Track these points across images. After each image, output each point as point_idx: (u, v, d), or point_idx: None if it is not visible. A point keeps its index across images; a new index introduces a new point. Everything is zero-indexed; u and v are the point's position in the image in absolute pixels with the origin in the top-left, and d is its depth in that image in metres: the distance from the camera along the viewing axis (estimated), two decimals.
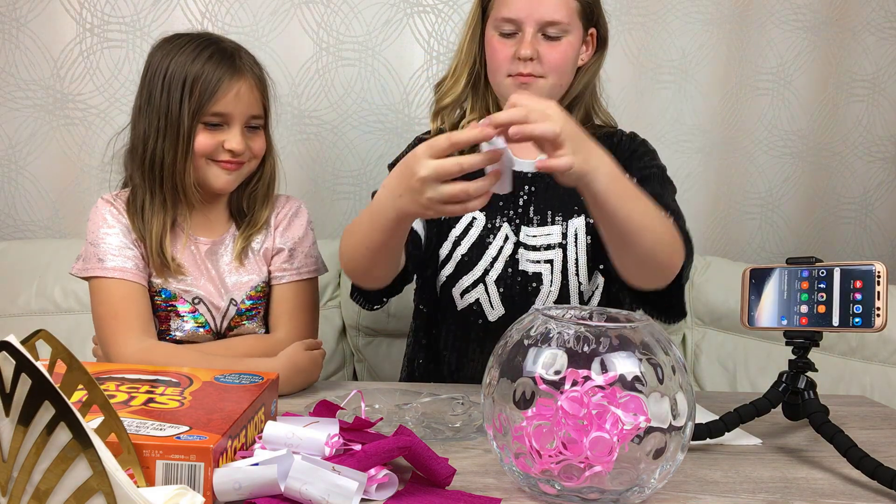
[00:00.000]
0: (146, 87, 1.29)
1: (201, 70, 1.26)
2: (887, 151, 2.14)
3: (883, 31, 2.08)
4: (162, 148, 1.27)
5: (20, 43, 1.82)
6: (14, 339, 0.64)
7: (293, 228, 1.40)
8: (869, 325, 1.02)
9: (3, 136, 1.84)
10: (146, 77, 1.29)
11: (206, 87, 1.26)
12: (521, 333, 0.88)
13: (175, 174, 1.28)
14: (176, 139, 1.26)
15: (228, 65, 1.28)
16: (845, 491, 0.95)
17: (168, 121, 1.26)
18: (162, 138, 1.26)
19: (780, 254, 2.12)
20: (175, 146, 1.26)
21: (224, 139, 1.29)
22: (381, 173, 1.95)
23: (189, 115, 1.25)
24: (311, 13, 1.89)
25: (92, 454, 0.63)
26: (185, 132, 1.26)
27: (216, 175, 1.30)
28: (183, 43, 1.29)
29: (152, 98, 1.27)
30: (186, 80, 1.25)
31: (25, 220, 1.88)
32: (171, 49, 1.28)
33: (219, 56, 1.28)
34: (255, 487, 0.81)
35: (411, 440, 0.87)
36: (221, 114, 1.27)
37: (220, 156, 1.29)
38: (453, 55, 1.45)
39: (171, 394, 0.95)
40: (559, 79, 1.34)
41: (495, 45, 1.34)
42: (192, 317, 1.32)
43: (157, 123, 1.26)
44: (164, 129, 1.26)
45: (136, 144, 1.30)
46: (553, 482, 0.84)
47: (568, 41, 1.32)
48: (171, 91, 1.26)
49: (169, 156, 1.27)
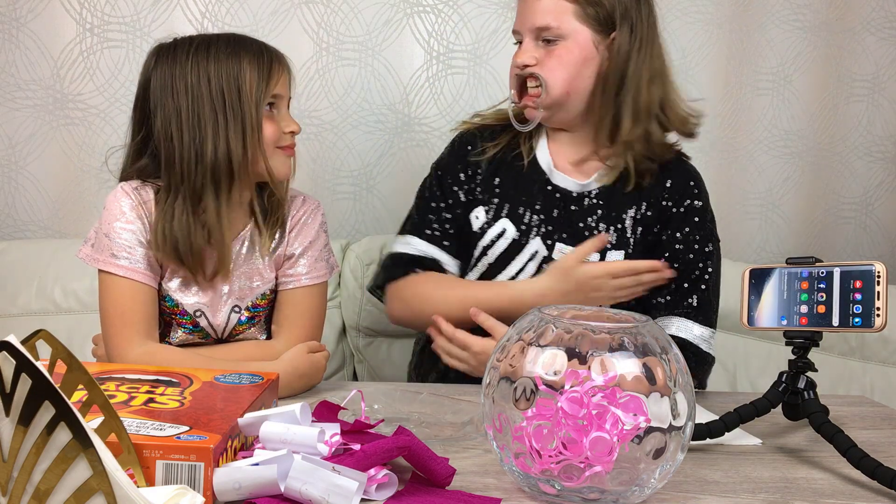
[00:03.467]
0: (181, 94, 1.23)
1: (250, 57, 1.24)
2: (887, 151, 2.14)
3: (883, 31, 2.08)
4: (228, 142, 1.22)
5: (20, 43, 1.82)
6: (14, 339, 0.64)
7: (306, 232, 1.35)
8: (869, 326, 1.02)
9: (3, 136, 1.84)
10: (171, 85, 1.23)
11: (262, 71, 1.24)
12: (521, 333, 0.88)
13: (246, 169, 1.25)
14: (244, 129, 1.23)
15: (267, 49, 1.27)
16: (845, 491, 0.95)
17: (231, 113, 1.23)
18: (226, 132, 1.22)
19: (780, 254, 2.12)
20: (244, 137, 1.23)
21: (282, 123, 1.28)
22: (380, 173, 1.95)
23: (255, 104, 1.23)
24: (311, 13, 1.89)
25: (92, 454, 0.63)
26: (254, 120, 1.23)
27: (283, 161, 1.29)
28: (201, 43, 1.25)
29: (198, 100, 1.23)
30: (240, 68, 1.23)
31: (25, 220, 1.88)
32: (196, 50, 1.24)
33: (253, 44, 1.27)
34: (255, 487, 0.81)
35: (411, 440, 0.87)
36: (277, 95, 1.26)
37: (284, 141, 1.28)
38: None
39: (171, 394, 0.95)
40: (561, 85, 1.33)
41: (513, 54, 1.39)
42: (192, 328, 1.30)
43: (214, 120, 1.22)
44: (225, 123, 1.22)
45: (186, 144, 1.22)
46: (553, 482, 0.84)
47: (564, 46, 1.32)
48: (223, 85, 1.22)
49: (238, 148, 1.23)
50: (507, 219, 1.40)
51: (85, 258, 1.26)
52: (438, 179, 1.45)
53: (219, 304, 1.30)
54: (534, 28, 1.33)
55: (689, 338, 1.34)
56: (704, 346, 1.36)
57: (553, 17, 1.32)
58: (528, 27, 1.34)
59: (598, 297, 1.30)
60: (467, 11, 1.93)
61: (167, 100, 1.24)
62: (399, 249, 1.43)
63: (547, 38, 1.33)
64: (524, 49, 1.35)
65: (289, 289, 1.33)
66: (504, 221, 1.40)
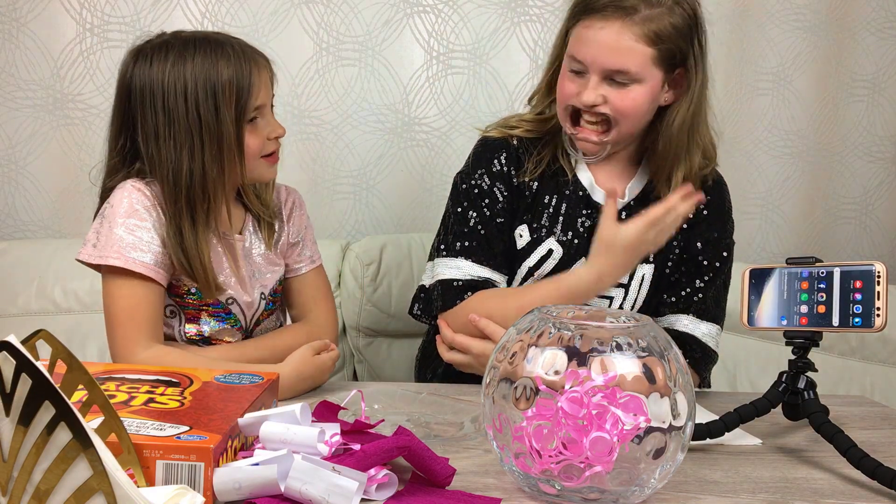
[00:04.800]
0: (159, 111, 1.20)
1: (228, 72, 1.20)
2: (887, 151, 2.14)
3: (883, 31, 2.08)
4: (204, 165, 1.20)
5: (20, 43, 1.82)
6: (14, 339, 0.64)
7: (300, 219, 1.40)
8: (869, 326, 1.02)
9: (3, 136, 1.84)
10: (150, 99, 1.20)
11: (241, 87, 1.20)
12: (521, 333, 0.88)
13: (222, 185, 1.22)
14: (220, 150, 1.20)
15: (245, 57, 1.22)
16: (845, 491, 0.95)
17: (207, 135, 1.19)
18: (202, 155, 1.19)
19: (780, 254, 2.12)
20: (221, 158, 1.20)
21: (266, 130, 1.25)
22: (380, 173, 1.95)
23: (233, 122, 1.20)
24: (311, 13, 1.89)
25: (92, 454, 0.63)
26: (232, 140, 1.20)
27: (267, 169, 1.28)
28: (179, 51, 1.21)
29: (174, 119, 1.19)
30: (217, 86, 1.19)
31: (25, 220, 1.88)
32: (174, 61, 1.20)
33: (231, 51, 1.22)
34: (255, 487, 0.81)
35: (410, 440, 0.87)
36: (259, 106, 1.23)
37: (267, 148, 1.26)
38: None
39: (172, 394, 0.95)
40: (630, 125, 1.30)
41: (564, 77, 1.32)
42: (225, 316, 1.29)
43: (191, 143, 1.19)
44: (201, 145, 1.19)
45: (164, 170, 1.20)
46: (553, 482, 0.84)
47: (638, 90, 1.27)
48: (199, 104, 1.19)
49: (214, 170, 1.20)
50: (553, 238, 1.37)
51: (88, 258, 1.21)
52: (477, 197, 1.38)
53: (248, 289, 1.31)
54: (607, 69, 1.26)
55: (698, 334, 1.37)
56: (711, 344, 1.38)
57: (633, 62, 1.25)
58: (599, 66, 1.26)
59: (646, 249, 1.27)
60: (467, 11, 1.93)
61: (146, 114, 1.21)
62: (449, 275, 1.36)
63: (619, 80, 1.26)
64: (591, 87, 1.27)
65: (301, 273, 1.39)
66: (550, 241, 1.36)
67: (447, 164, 1.95)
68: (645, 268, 1.37)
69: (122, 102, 1.24)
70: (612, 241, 1.25)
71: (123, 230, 1.20)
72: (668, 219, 1.25)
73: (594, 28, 1.25)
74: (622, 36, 1.23)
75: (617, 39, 1.24)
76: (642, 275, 1.38)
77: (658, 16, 1.24)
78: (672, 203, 1.24)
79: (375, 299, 1.81)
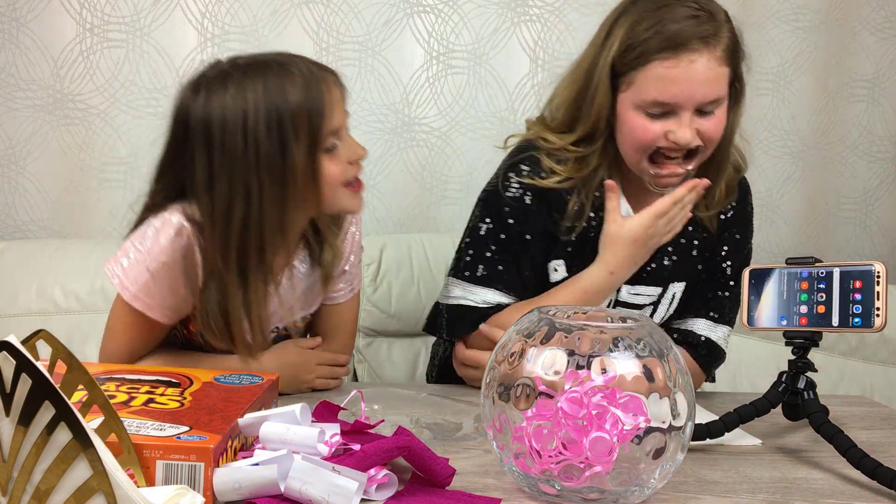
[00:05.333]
0: (215, 150, 1.06)
1: (297, 97, 1.07)
2: (887, 151, 2.14)
3: (883, 31, 2.08)
4: (262, 212, 1.07)
5: (20, 43, 1.82)
6: (14, 339, 0.64)
7: (353, 241, 1.30)
8: (869, 326, 1.02)
9: (3, 136, 1.84)
10: (203, 137, 1.07)
11: (313, 112, 1.07)
12: (521, 333, 0.88)
13: (282, 233, 1.10)
14: (284, 192, 1.07)
15: (313, 77, 1.09)
16: (845, 491, 0.95)
17: (268, 176, 1.06)
18: (259, 200, 1.06)
19: (780, 254, 2.11)
20: (284, 201, 1.07)
21: (345, 155, 1.12)
22: (380, 173, 1.95)
23: (306, 154, 1.07)
24: (311, 13, 1.89)
25: (92, 454, 0.63)
26: (306, 175, 1.08)
27: (350, 201, 1.15)
28: (238, 80, 1.08)
29: (231, 156, 1.06)
30: (284, 115, 1.06)
31: (25, 220, 1.88)
32: (234, 93, 1.07)
33: (297, 72, 1.09)
34: (255, 487, 0.81)
35: (410, 440, 0.87)
36: (335, 130, 1.11)
37: (349, 173, 1.13)
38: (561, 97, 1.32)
39: (171, 394, 0.95)
40: (713, 148, 1.26)
41: (638, 124, 1.22)
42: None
43: (247, 186, 1.06)
44: (259, 188, 1.06)
45: (215, 218, 1.08)
46: (553, 482, 0.84)
47: (721, 110, 1.24)
48: (260, 140, 1.06)
49: (274, 216, 1.07)
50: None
51: (111, 278, 1.15)
52: (509, 227, 1.30)
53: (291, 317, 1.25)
54: (703, 102, 1.20)
55: (714, 338, 1.37)
56: (723, 345, 1.38)
57: (722, 87, 1.22)
58: (695, 102, 1.19)
59: (657, 241, 1.26)
60: (467, 11, 1.93)
61: (199, 155, 1.08)
62: (470, 303, 1.32)
63: (709, 109, 1.21)
64: (686, 125, 1.20)
65: (336, 303, 1.30)
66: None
67: (447, 164, 1.95)
68: (676, 286, 1.35)
69: (178, 141, 1.12)
70: (618, 235, 1.25)
71: (152, 278, 1.12)
72: (675, 209, 1.24)
73: (681, 65, 1.17)
74: (711, 64, 1.18)
75: (708, 69, 1.18)
76: (673, 293, 1.36)
77: (727, 33, 1.21)
78: (679, 195, 1.24)
79: (375, 299, 1.81)
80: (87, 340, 1.67)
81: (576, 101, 1.28)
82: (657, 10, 1.20)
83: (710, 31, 1.18)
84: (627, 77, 1.21)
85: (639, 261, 1.28)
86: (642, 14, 1.21)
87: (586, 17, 1.92)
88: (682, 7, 1.19)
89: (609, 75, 1.23)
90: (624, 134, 1.25)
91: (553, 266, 1.32)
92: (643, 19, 1.20)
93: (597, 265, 1.27)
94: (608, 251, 1.26)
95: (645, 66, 1.19)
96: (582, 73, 1.27)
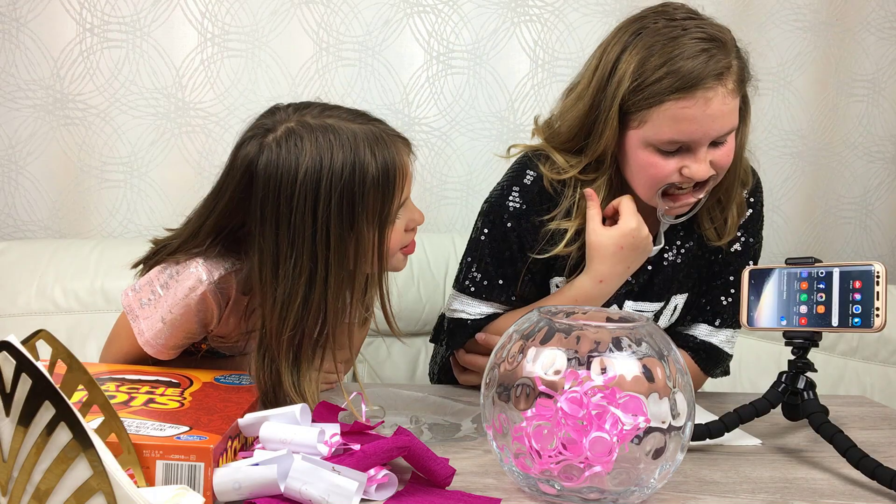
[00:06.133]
0: (285, 223, 0.99)
1: (373, 173, 1.00)
2: (887, 151, 2.14)
3: (883, 31, 2.08)
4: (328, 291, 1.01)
5: (20, 43, 1.82)
6: (14, 339, 0.64)
7: None
8: (868, 326, 1.02)
9: (3, 136, 1.84)
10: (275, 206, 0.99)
11: (387, 189, 1.01)
12: (521, 333, 0.88)
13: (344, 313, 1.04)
14: (352, 268, 1.02)
15: (387, 146, 1.03)
16: (845, 491, 0.95)
17: (337, 256, 0.99)
18: (324, 283, 1.00)
19: (780, 254, 2.11)
20: (353, 278, 1.02)
21: (405, 221, 1.09)
22: None
23: (373, 229, 1.01)
24: (311, 13, 1.89)
25: (92, 454, 0.63)
26: (373, 249, 1.02)
27: (401, 262, 1.11)
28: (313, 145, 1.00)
29: (299, 236, 0.99)
30: (357, 195, 0.99)
31: (25, 220, 1.88)
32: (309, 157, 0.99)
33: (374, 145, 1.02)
34: (255, 487, 0.81)
35: (410, 440, 0.87)
36: (403, 202, 1.07)
37: (406, 240, 1.10)
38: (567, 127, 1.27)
39: (171, 394, 0.95)
40: (724, 174, 1.24)
41: (652, 162, 1.19)
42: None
43: (313, 266, 0.99)
44: (327, 268, 1.00)
45: (276, 299, 1.00)
46: (553, 482, 0.84)
47: (732, 136, 1.21)
48: (332, 218, 0.99)
49: (340, 293, 1.01)
50: None
51: (128, 312, 1.12)
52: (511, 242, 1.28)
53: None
54: (718, 136, 1.18)
55: (715, 342, 1.35)
56: (727, 348, 1.36)
57: (735, 118, 1.19)
58: (710, 137, 1.17)
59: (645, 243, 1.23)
60: (467, 11, 1.93)
61: (265, 232, 1.01)
62: (470, 317, 1.31)
63: (721, 140, 1.19)
64: (701, 160, 1.18)
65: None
66: None
67: (447, 164, 1.95)
68: (678, 298, 1.34)
69: (242, 193, 1.03)
70: (600, 244, 1.22)
71: (166, 327, 1.09)
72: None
73: (697, 105, 1.14)
74: (726, 99, 1.16)
75: (723, 105, 1.15)
76: (675, 305, 1.35)
77: (736, 61, 1.18)
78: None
79: None
80: (87, 340, 1.68)
81: (581, 129, 1.24)
82: (666, 45, 1.15)
83: (723, 66, 1.15)
84: (638, 115, 1.17)
85: (632, 266, 1.25)
86: (651, 48, 1.16)
87: (586, 17, 1.93)
88: (691, 40, 1.15)
89: (618, 111, 1.19)
90: (635, 170, 1.22)
91: (555, 283, 1.31)
92: (652, 54, 1.16)
93: (586, 274, 1.25)
94: (595, 260, 1.23)
95: (658, 105, 1.16)
96: (587, 103, 1.22)
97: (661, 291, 1.32)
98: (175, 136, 1.85)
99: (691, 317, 1.37)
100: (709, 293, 1.35)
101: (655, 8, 1.22)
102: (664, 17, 1.19)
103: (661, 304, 1.34)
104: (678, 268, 1.32)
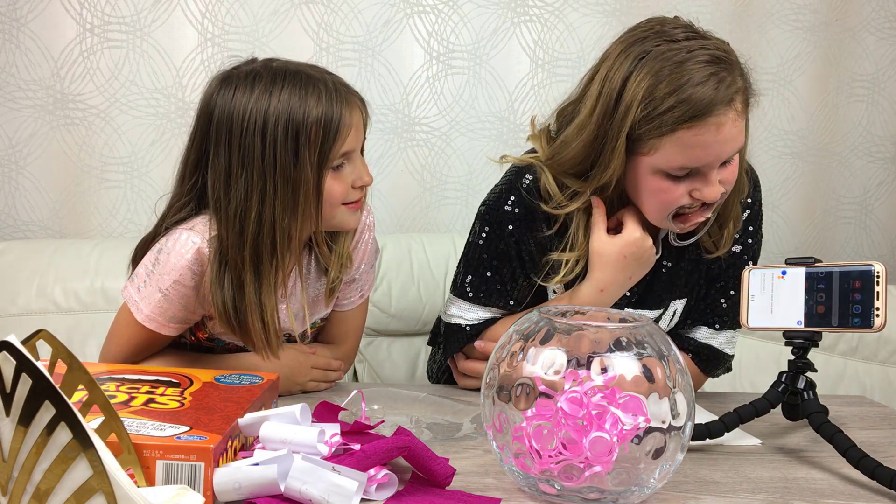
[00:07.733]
0: (234, 147, 1.09)
1: (316, 112, 1.09)
2: (887, 151, 2.14)
3: (883, 31, 2.08)
4: (275, 213, 1.09)
5: (20, 43, 1.82)
6: (14, 339, 0.64)
7: (365, 247, 1.29)
8: (868, 326, 1.02)
9: (3, 136, 1.84)
10: (226, 133, 1.10)
11: (328, 130, 1.09)
12: (521, 334, 0.88)
13: (295, 236, 1.12)
14: (295, 198, 1.10)
15: (338, 96, 1.12)
16: (845, 491, 0.95)
17: (281, 180, 1.09)
18: (273, 201, 1.09)
19: (780, 254, 2.11)
20: (295, 207, 1.10)
21: (351, 178, 1.15)
22: (380, 174, 1.95)
23: (313, 168, 1.10)
24: (311, 13, 1.89)
25: (92, 454, 0.63)
26: (310, 188, 1.10)
27: (348, 217, 1.17)
28: (266, 83, 1.11)
29: (248, 159, 1.09)
30: (301, 127, 1.08)
31: (25, 220, 1.88)
32: (259, 94, 1.10)
33: (323, 89, 1.12)
34: (255, 487, 0.81)
35: (410, 440, 0.87)
36: (346, 153, 1.13)
37: (352, 196, 1.15)
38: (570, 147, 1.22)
39: (172, 394, 0.95)
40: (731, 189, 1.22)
41: (663, 187, 1.18)
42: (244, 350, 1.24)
43: (263, 186, 1.09)
44: (274, 190, 1.09)
45: (231, 213, 1.10)
46: (553, 482, 0.84)
47: (738, 153, 1.20)
48: (278, 145, 1.08)
49: (286, 219, 1.10)
50: None
51: (127, 300, 1.17)
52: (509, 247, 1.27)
53: (302, 324, 1.25)
54: (729, 156, 1.17)
55: (715, 344, 1.34)
56: (728, 349, 1.36)
57: (743, 136, 1.18)
58: (720, 161, 1.16)
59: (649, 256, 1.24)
60: (467, 11, 1.93)
61: (220, 149, 1.11)
62: (467, 322, 1.30)
63: (730, 158, 1.18)
64: (713, 182, 1.17)
65: (345, 310, 1.31)
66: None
67: (447, 164, 1.95)
68: (677, 303, 1.34)
69: (202, 133, 1.15)
70: (603, 251, 1.22)
71: (164, 297, 1.14)
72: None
73: (709, 131, 1.12)
74: (736, 122, 1.14)
75: (733, 128, 1.14)
76: (675, 310, 1.34)
77: (741, 79, 1.17)
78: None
79: (375, 299, 1.81)
80: (87, 340, 1.68)
81: (587, 159, 1.21)
82: (673, 70, 1.13)
83: (732, 91, 1.14)
84: (648, 143, 1.15)
85: (634, 276, 1.25)
86: (657, 75, 1.13)
87: (586, 17, 1.92)
88: (697, 64, 1.13)
89: (625, 139, 1.16)
90: (645, 196, 1.21)
91: (552, 289, 1.30)
92: (660, 81, 1.13)
93: (587, 282, 1.24)
94: (597, 268, 1.23)
95: (671, 134, 1.13)
96: (592, 132, 1.19)
97: (660, 298, 1.32)
98: (175, 136, 1.85)
99: (691, 320, 1.36)
100: (708, 297, 1.35)
101: (652, 26, 1.19)
102: (665, 39, 1.16)
103: (660, 311, 1.33)
104: (676, 274, 1.31)
